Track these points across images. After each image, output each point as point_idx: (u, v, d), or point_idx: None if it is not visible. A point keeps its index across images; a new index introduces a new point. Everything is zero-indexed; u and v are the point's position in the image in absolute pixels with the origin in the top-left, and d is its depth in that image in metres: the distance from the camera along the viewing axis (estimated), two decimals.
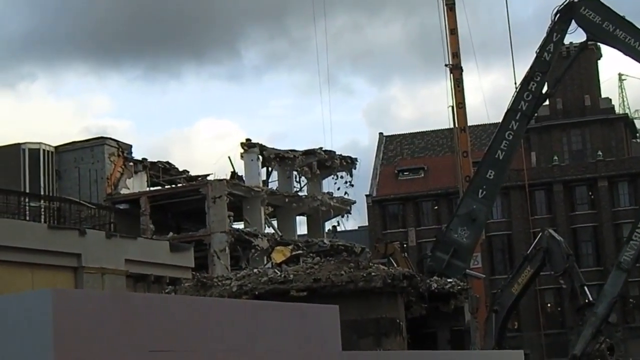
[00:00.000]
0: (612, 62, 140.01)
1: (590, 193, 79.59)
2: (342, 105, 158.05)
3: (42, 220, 37.24)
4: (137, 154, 50.16)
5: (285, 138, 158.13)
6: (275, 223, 51.13)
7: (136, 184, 47.92)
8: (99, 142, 47.21)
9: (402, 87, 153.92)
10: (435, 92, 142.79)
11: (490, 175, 35.87)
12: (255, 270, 28.14)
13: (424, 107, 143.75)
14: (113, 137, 48.35)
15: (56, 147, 47.10)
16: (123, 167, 47.31)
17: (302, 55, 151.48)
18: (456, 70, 51.71)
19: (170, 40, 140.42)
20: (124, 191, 46.84)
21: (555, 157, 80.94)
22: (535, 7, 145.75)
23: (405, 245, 52.02)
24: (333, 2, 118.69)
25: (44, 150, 46.33)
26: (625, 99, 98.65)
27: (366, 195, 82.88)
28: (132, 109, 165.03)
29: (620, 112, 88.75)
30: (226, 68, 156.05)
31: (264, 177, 51.14)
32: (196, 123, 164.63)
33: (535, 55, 36.06)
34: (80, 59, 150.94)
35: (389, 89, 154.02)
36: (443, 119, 51.93)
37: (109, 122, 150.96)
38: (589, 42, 38.20)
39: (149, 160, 49.59)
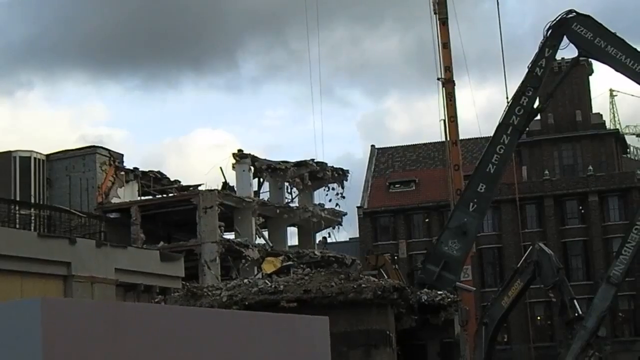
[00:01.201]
0: (603, 78, 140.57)
1: (580, 207, 79.72)
2: (337, 118, 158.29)
3: (32, 228, 37.12)
4: (132, 163, 50.25)
5: (280, 149, 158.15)
6: (266, 234, 51.09)
7: (127, 194, 47.85)
8: (91, 151, 47.14)
9: (398, 100, 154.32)
10: (431, 106, 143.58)
11: (481, 189, 35.90)
12: (245, 280, 28.09)
13: (418, 120, 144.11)
14: (109, 145, 48.37)
15: (47, 156, 47.02)
16: (114, 176, 47.24)
17: (300, 66, 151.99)
18: (448, 84, 51.79)
19: (170, 51, 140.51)
20: (114, 200, 46.76)
21: (546, 172, 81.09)
22: (531, 22, 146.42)
23: (396, 257, 52.00)
24: (331, 15, 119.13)
25: (35, 158, 46.24)
26: (616, 114, 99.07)
27: (357, 207, 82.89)
28: (128, 118, 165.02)
29: (611, 128, 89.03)
30: (224, 78, 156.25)
31: (255, 188, 51.12)
32: (192, 133, 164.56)
33: (527, 70, 36.16)
34: (78, 68, 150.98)
35: (384, 102, 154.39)
36: (438, 132, 51.82)
37: (105, 131, 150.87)
38: (581, 58, 38.31)
39: (141, 169, 49.55)
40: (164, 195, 49.61)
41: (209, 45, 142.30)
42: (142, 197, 48.77)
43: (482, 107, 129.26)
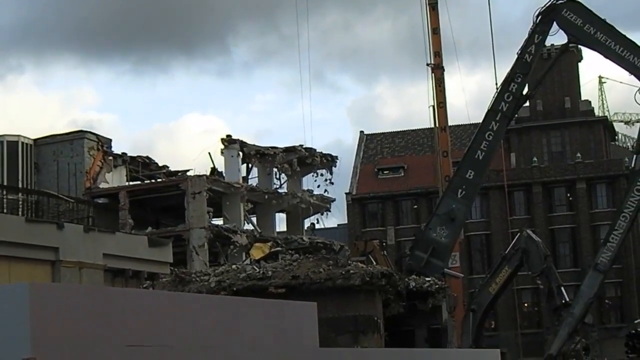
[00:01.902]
0: (592, 65, 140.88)
1: (568, 194, 79.94)
2: (327, 103, 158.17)
3: (20, 213, 37.05)
4: (121, 148, 50.15)
5: (270, 135, 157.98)
6: (254, 219, 51.05)
7: (115, 179, 47.74)
8: (79, 136, 46.98)
9: (389, 85, 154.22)
10: (421, 92, 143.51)
11: (469, 175, 35.93)
12: (233, 266, 28.08)
13: (409, 106, 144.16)
14: (98, 130, 48.42)
15: (35, 140, 46.85)
16: (102, 161, 47.11)
17: (292, 52, 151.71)
18: (437, 70, 51.78)
19: (161, 35, 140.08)
20: (102, 185, 46.65)
21: (535, 159, 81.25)
22: (523, 8, 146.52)
23: (384, 244, 52.02)
24: (323, 0, 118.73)
25: (22, 142, 46.08)
26: (604, 101, 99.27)
27: (346, 193, 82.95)
28: (119, 102, 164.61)
29: (600, 115, 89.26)
30: (216, 63, 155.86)
31: (244, 174, 51.04)
32: (182, 118, 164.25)
33: (516, 56, 36.17)
34: (69, 52, 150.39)
35: (375, 88, 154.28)
36: (428, 119, 51.95)
37: (95, 116, 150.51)
38: (570, 45, 38.31)
39: (129, 154, 49.41)
40: (152, 181, 49.50)
41: (200, 29, 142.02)
42: (131, 183, 48.66)
43: (473, 93, 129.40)
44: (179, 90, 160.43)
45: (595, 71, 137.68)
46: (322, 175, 53.78)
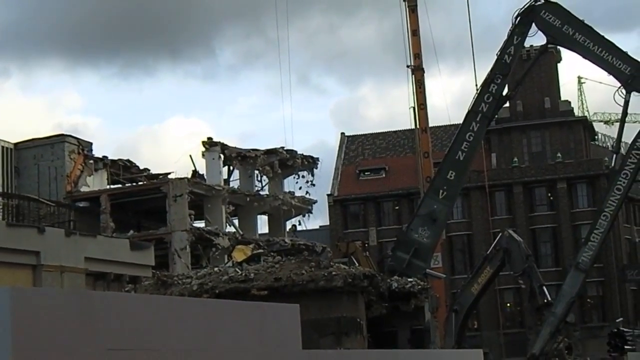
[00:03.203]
0: (571, 66, 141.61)
1: (549, 194, 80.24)
2: (311, 105, 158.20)
3: (1, 217, 36.87)
4: (105, 152, 50.04)
5: (254, 137, 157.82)
6: (236, 222, 51.04)
7: (96, 182, 47.61)
8: (59, 140, 46.83)
9: (373, 87, 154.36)
10: (404, 93, 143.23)
11: (450, 176, 36.00)
12: (215, 269, 28.06)
13: (392, 108, 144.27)
14: (84, 134, 48.49)
15: (15, 144, 46.67)
16: (83, 164, 46.97)
17: (277, 54, 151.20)
18: (418, 72, 51.86)
19: (147, 38, 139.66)
20: (83, 189, 46.51)
21: (515, 159, 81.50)
22: (506, 9, 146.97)
23: (366, 245, 52.07)
24: (309, 3, 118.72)
25: (2, 147, 45.88)
26: (584, 101, 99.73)
27: (327, 195, 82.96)
28: (104, 106, 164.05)
29: (580, 115, 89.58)
30: (202, 66, 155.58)
31: (225, 176, 51.03)
32: (166, 121, 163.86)
33: (496, 57, 36.27)
34: (55, 56, 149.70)
35: (359, 90, 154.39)
36: (410, 120, 52.02)
37: (80, 120, 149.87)
38: (549, 46, 38.48)
39: (110, 158, 49.30)
40: (134, 184, 49.41)
41: (186, 32, 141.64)
42: (112, 186, 48.54)
43: (456, 95, 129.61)
44: (165, 93, 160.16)
45: (574, 72, 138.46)
46: (303, 177, 53.87)
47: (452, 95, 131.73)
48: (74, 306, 6.26)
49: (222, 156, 49.59)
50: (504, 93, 36.95)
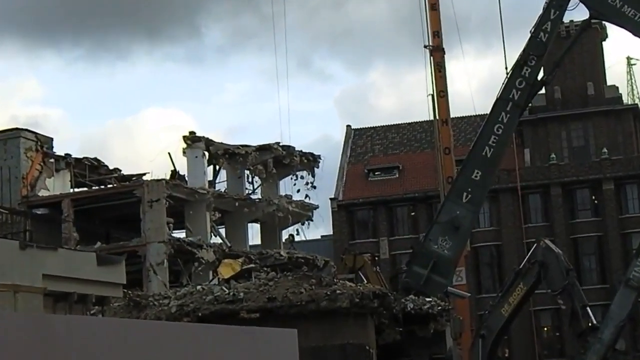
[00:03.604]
0: (619, 44, 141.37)
1: (593, 197, 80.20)
2: (313, 93, 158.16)
3: None
4: (67, 149, 50.04)
5: (244, 131, 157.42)
6: (223, 231, 51.04)
7: (57, 185, 47.61)
8: (13, 135, 46.81)
9: (384, 72, 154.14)
10: (422, 79, 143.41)
11: (476, 176, 36.02)
12: (198, 287, 28.07)
13: (407, 96, 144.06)
14: (44, 128, 48.67)
15: None
16: (42, 164, 46.98)
17: (273, 34, 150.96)
18: (437, 53, 51.87)
19: (120, 15, 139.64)
20: (42, 193, 46.52)
21: (553, 155, 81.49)
22: None
23: (376, 258, 52.12)
24: None
25: None
26: (634, 86, 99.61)
27: (331, 199, 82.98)
28: (67, 95, 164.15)
29: (629, 103, 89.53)
30: (184, 48, 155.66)
31: (210, 177, 51.04)
32: (141, 112, 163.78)
33: (529, 35, 36.29)
34: (9, 36, 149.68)
35: (368, 75, 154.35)
36: (427, 110, 52.06)
37: (40, 111, 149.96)
38: (593, 21, 38.46)
39: (74, 156, 49.28)
40: (102, 187, 49.42)
41: (166, 8, 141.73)
42: (76, 189, 48.56)
43: (483, 80, 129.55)
44: (140, 79, 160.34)
45: (622, 52, 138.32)
46: (302, 177, 53.83)
47: (477, 80, 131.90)
48: (31, 332, 6.26)
49: (206, 154, 49.59)
50: (539, 77, 36.96)
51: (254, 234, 54.36)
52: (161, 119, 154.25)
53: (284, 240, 53.98)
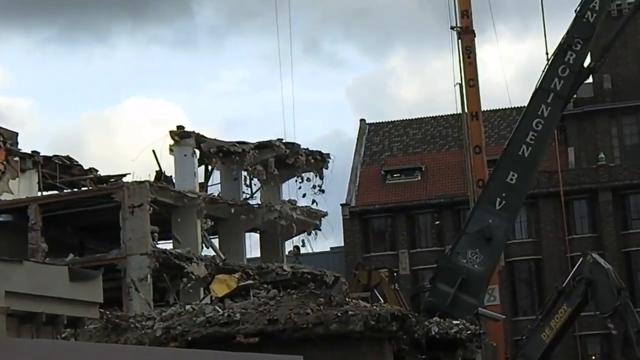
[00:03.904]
0: None
1: None
2: (321, 82, 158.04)
3: None
4: (35, 146, 50.07)
5: (241, 125, 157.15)
6: (216, 242, 51.07)
7: (23, 187, 47.70)
8: None
9: (405, 57, 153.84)
10: (448, 65, 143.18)
11: (511, 179, 36.02)
12: (187, 307, 28.07)
13: (431, 85, 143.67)
14: (8, 121, 48.46)
15: None
16: (5, 163, 47.07)
17: (278, 13, 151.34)
18: (466, 36, 51.88)
19: None
20: (5, 197, 46.62)
21: (602, 155, 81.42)
22: None
23: (395, 274, 52.19)
24: None
25: None
26: None
27: (342, 205, 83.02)
28: (36, 82, 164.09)
29: None
30: (172, 29, 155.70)
31: (201, 179, 51.07)
32: (122, 103, 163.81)
33: (574, 15, 36.29)
34: None
35: (387, 61, 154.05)
36: (454, 101, 51.99)
37: (3, 101, 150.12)
38: None
39: (43, 154, 49.36)
40: (75, 190, 49.48)
41: None
42: (44, 192, 48.62)
43: (519, 67, 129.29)
44: (121, 65, 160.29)
45: None
46: (308, 180, 53.82)
47: (513, 67, 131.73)
48: None
49: (197, 152, 49.60)
50: (586, 64, 36.93)
51: (252, 246, 54.37)
52: (145, 111, 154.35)
53: (287, 253, 54.00)
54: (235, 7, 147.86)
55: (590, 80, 58.17)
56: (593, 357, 78.35)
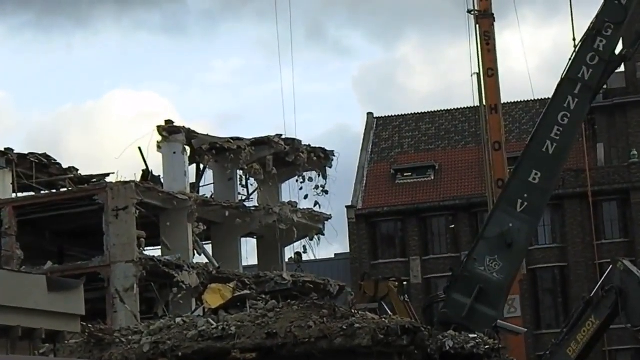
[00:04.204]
0: None
1: None
2: (325, 72, 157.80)
3: None
4: (9, 143, 50.16)
5: (236, 120, 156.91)
6: (209, 248, 51.12)
7: None
8: None
9: (417, 45, 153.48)
10: (465, 53, 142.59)
11: (534, 179, 36.03)
12: (178, 320, 28.12)
13: (446, 75, 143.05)
14: None
15: None
16: None
17: None
18: (485, 20, 51.91)
19: None
20: None
21: (634, 152, 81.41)
22: None
23: (405, 284, 52.15)
24: None
25: None
26: None
27: (347, 207, 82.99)
28: (11, 73, 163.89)
29: None
30: (161, 13, 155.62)
31: (192, 179, 51.09)
32: (105, 96, 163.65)
33: None
34: None
35: (397, 48, 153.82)
36: (471, 93, 52.01)
37: None
38: None
39: (17, 151, 49.41)
40: (53, 191, 49.53)
41: None
42: (19, 194, 48.66)
43: (544, 55, 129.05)
44: (104, 53, 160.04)
45: None
46: (311, 180, 53.89)
47: (538, 55, 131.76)
48: None
49: (187, 149, 49.65)
50: (617, 51, 36.93)
51: (248, 252, 54.47)
52: (130, 105, 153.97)
53: (287, 260, 54.05)
54: None
55: (622, 69, 58.21)
56: None
